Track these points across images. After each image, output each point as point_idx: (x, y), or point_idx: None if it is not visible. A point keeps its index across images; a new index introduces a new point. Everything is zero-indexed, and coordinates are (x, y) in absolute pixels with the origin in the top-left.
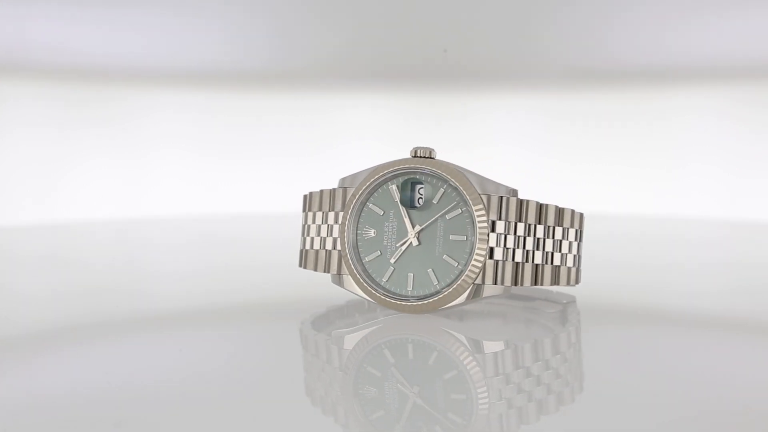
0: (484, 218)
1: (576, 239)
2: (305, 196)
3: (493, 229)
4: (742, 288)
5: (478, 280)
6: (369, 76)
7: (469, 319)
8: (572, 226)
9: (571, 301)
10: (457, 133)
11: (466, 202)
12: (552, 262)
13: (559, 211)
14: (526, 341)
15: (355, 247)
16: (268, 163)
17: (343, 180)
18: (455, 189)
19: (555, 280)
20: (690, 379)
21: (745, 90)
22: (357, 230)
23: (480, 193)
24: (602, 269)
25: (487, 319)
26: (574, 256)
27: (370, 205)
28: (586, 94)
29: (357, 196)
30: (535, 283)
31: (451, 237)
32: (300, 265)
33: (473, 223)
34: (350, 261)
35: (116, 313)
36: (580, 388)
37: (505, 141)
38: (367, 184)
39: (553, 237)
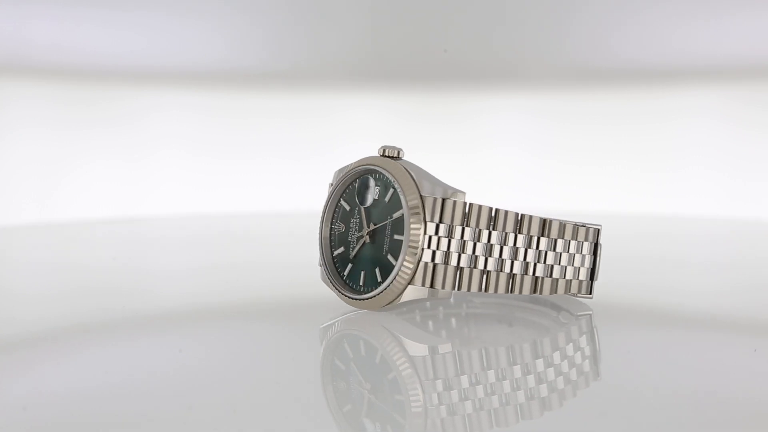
0: (417, 220)
1: (550, 248)
2: None
3: (425, 232)
4: (742, 287)
5: (417, 281)
6: (369, 76)
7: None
8: (545, 235)
9: (586, 314)
10: (457, 133)
11: (405, 204)
12: (510, 270)
13: (520, 218)
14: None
15: (328, 241)
16: (268, 163)
17: (336, 173)
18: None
19: (513, 289)
20: (686, 378)
21: (744, 90)
22: (332, 224)
23: (422, 194)
24: (602, 269)
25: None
26: (548, 266)
27: (342, 201)
28: (586, 94)
29: (333, 191)
30: (486, 290)
31: (395, 237)
32: None
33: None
34: (321, 255)
35: (118, 312)
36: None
37: (505, 141)
38: (340, 179)
39: (514, 244)
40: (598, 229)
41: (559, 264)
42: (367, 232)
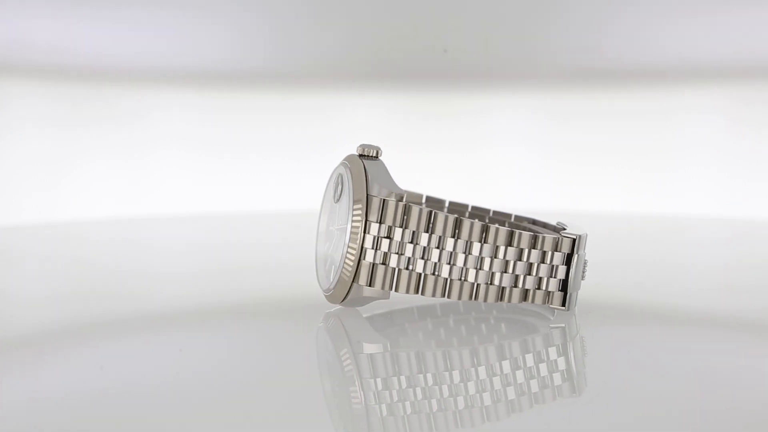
0: (359, 219)
1: (492, 255)
2: None
3: (367, 231)
4: (742, 287)
5: (361, 280)
6: (369, 76)
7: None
8: (486, 241)
9: (558, 327)
10: (457, 133)
11: (350, 203)
12: (439, 273)
13: (457, 222)
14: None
15: (319, 236)
16: (268, 163)
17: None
18: None
19: (446, 294)
20: (685, 378)
21: (745, 89)
22: (327, 220)
23: (369, 194)
24: (601, 268)
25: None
26: (489, 272)
27: (326, 199)
28: (586, 94)
29: (326, 189)
30: (417, 292)
31: None
32: None
33: None
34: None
35: (118, 313)
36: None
37: (505, 140)
38: (329, 177)
39: (453, 249)
40: (574, 239)
41: (508, 272)
42: (335, 228)
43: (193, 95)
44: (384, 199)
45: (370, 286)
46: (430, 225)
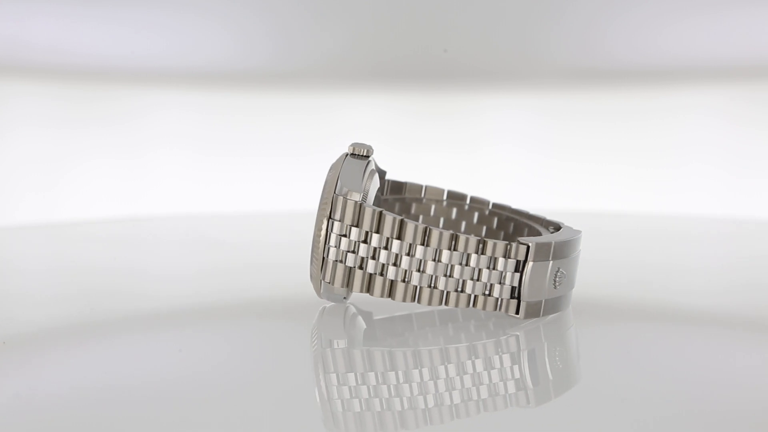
0: (324, 217)
1: (435, 259)
2: None
3: (329, 228)
4: (742, 285)
5: (326, 277)
6: (369, 76)
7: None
8: (425, 244)
9: (512, 335)
10: (457, 133)
11: (320, 200)
12: (395, 276)
13: (399, 224)
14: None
15: None
16: (268, 162)
17: None
18: None
19: (389, 294)
20: (685, 377)
21: (746, 88)
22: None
23: (335, 193)
24: (601, 267)
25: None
26: (432, 276)
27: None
28: (586, 93)
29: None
30: (367, 291)
31: None
32: None
33: None
34: None
35: (116, 312)
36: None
37: (504, 139)
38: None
39: (399, 251)
40: (528, 246)
41: (450, 276)
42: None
43: (193, 95)
44: (343, 198)
45: (330, 283)
46: (380, 225)
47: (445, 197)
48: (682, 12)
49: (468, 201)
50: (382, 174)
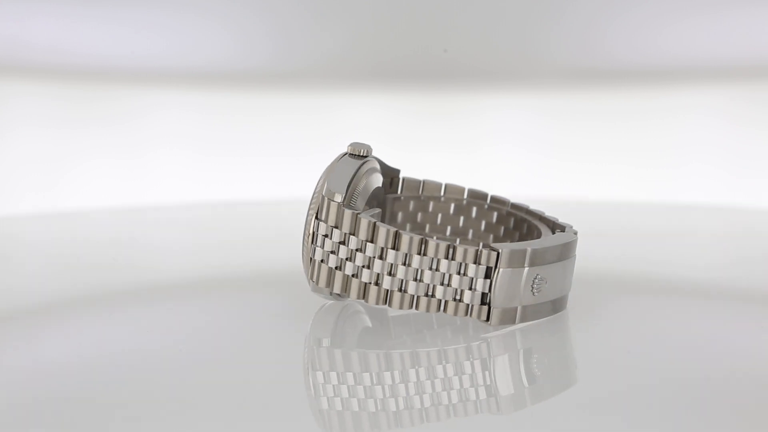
0: (311, 218)
1: (404, 263)
2: None
3: (315, 229)
4: (741, 285)
5: (313, 277)
6: (369, 76)
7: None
8: (395, 247)
9: (483, 341)
10: (457, 133)
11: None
12: (369, 279)
13: (373, 227)
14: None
15: None
16: (268, 162)
17: None
18: None
19: (364, 296)
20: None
21: (746, 88)
22: None
23: (322, 194)
24: (601, 266)
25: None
26: (402, 280)
27: None
28: (586, 94)
29: None
30: (346, 293)
31: None
32: None
33: None
34: None
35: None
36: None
37: (505, 139)
38: None
39: (373, 254)
40: (498, 252)
41: (420, 281)
42: None
43: (193, 95)
44: (327, 200)
45: (316, 283)
46: (356, 228)
47: (465, 196)
48: (682, 12)
49: (488, 200)
50: (394, 172)
